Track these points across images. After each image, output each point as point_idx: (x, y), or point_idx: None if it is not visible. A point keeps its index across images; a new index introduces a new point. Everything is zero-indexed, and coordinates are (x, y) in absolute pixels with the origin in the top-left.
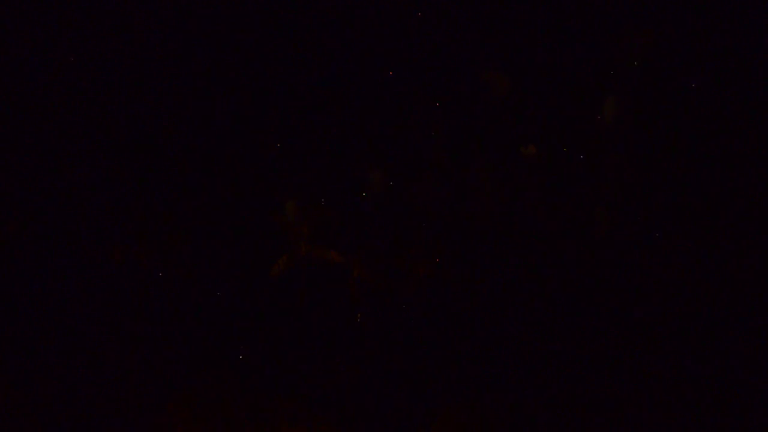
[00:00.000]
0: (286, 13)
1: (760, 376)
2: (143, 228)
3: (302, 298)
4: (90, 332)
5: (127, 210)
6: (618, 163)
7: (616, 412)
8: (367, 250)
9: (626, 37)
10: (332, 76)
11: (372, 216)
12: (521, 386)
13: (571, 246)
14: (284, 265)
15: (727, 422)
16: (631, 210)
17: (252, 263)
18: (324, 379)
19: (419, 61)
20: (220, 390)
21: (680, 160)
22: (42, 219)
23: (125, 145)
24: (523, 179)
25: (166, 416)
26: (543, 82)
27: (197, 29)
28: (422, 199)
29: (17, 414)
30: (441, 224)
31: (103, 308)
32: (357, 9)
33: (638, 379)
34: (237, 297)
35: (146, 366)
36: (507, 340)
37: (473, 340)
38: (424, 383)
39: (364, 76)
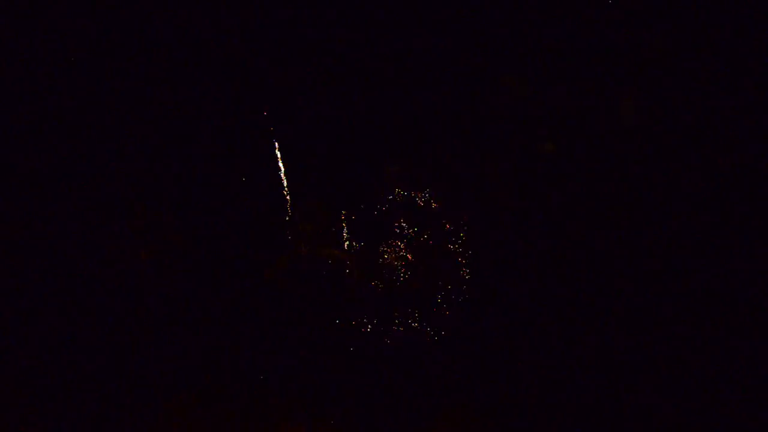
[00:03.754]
0: (305, 9)
1: None
2: (143, 227)
3: (302, 298)
4: (89, 332)
5: (126, 209)
6: (638, 163)
7: (619, 413)
8: (372, 249)
9: (646, 37)
10: (346, 76)
11: (381, 215)
12: (523, 387)
13: (587, 246)
14: (283, 266)
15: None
16: (649, 211)
17: (252, 263)
18: (324, 379)
19: (436, 63)
20: (219, 390)
21: (700, 162)
22: (42, 218)
23: (126, 145)
24: (539, 177)
25: (166, 416)
26: (561, 81)
27: (202, 26)
28: (438, 197)
29: (16, 413)
30: (456, 222)
31: (102, 308)
32: (378, 11)
33: (645, 383)
34: (237, 297)
35: (146, 366)
36: (514, 341)
37: (477, 339)
38: (424, 383)
39: (379, 76)
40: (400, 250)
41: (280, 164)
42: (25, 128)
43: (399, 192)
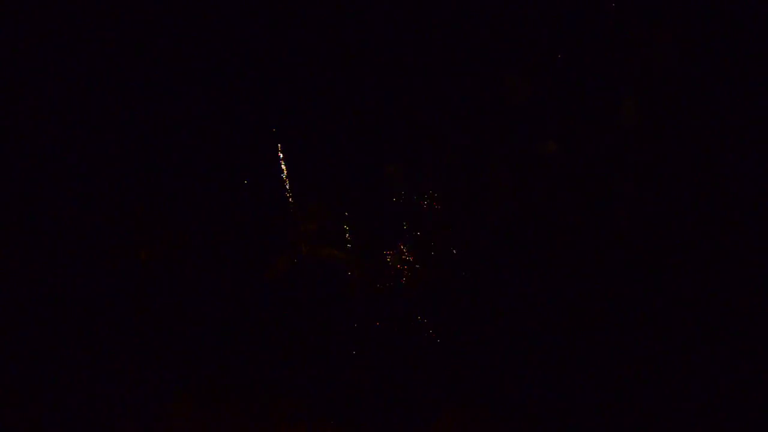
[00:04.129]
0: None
1: None
2: (145, 228)
3: (302, 298)
4: (90, 331)
5: (128, 210)
6: (638, 161)
7: (620, 414)
8: (373, 249)
9: (646, 38)
10: (348, 78)
11: (383, 214)
12: (523, 387)
13: (589, 243)
14: (283, 267)
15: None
16: (650, 207)
17: (253, 263)
18: (324, 379)
19: (437, 64)
20: (220, 390)
21: (699, 159)
22: (44, 218)
23: (128, 146)
24: (542, 176)
25: (166, 416)
26: (563, 81)
27: (204, 26)
28: (439, 197)
29: (17, 413)
30: (457, 222)
31: (103, 308)
32: (378, 12)
33: (646, 381)
34: (238, 297)
35: (146, 366)
36: (515, 340)
37: (478, 340)
38: (424, 384)
39: (380, 78)
40: (401, 250)
41: (282, 166)
42: (27, 129)
43: (400, 192)
